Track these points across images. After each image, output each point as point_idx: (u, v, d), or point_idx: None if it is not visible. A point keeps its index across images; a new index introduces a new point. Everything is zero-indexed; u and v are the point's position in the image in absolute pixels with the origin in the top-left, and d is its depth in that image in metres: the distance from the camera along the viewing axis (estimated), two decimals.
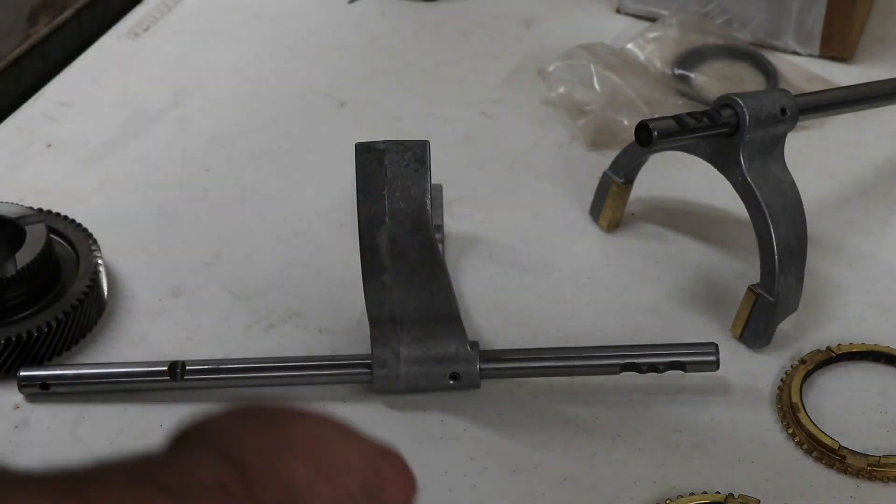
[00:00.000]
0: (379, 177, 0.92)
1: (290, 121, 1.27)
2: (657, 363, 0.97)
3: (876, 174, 1.20)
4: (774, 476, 0.93)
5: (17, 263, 1.00)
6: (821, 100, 1.08)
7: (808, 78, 1.30)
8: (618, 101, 1.23)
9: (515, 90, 1.30)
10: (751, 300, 1.00)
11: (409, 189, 0.91)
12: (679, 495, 0.91)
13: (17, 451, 0.95)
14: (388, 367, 0.96)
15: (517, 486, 0.92)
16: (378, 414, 0.98)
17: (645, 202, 1.16)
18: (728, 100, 1.00)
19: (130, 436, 0.96)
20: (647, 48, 1.31)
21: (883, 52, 1.35)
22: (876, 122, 1.25)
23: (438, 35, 1.38)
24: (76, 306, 1.01)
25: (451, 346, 0.97)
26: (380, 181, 0.92)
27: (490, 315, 1.05)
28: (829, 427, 0.95)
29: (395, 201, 0.91)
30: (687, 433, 0.96)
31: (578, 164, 1.20)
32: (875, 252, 1.11)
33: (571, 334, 1.04)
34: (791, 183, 1.02)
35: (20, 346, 0.99)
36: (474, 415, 0.97)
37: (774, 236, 0.98)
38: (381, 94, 1.30)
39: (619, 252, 1.12)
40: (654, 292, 1.07)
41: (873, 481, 0.92)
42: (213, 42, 1.38)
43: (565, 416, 0.97)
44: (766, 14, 1.33)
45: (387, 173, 0.92)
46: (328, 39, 1.38)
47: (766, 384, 0.99)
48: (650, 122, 0.97)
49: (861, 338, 1.03)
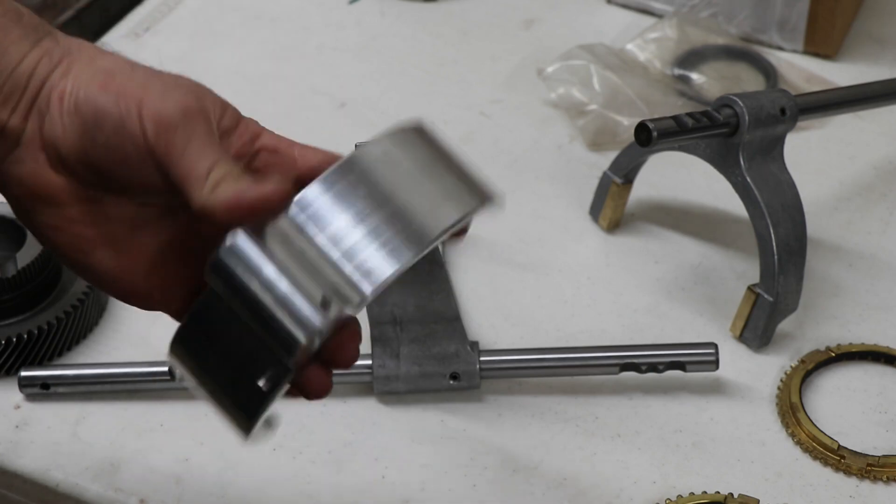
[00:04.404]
0: None
1: (290, 121, 1.26)
2: (657, 363, 0.97)
3: (875, 174, 1.20)
4: (774, 476, 0.93)
5: (18, 263, 1.00)
6: (820, 100, 1.08)
7: (808, 78, 1.30)
8: (617, 102, 1.23)
9: (515, 90, 1.30)
10: (751, 300, 1.01)
11: None
12: (679, 495, 0.91)
13: (18, 450, 0.95)
14: (388, 367, 0.97)
15: (517, 486, 0.93)
16: (378, 414, 0.98)
17: (645, 202, 1.16)
18: (727, 100, 1.00)
19: (131, 436, 0.96)
20: (646, 48, 1.31)
21: (870, 50, 1.35)
22: (876, 122, 1.25)
23: (438, 35, 1.38)
24: (76, 306, 1.01)
25: (451, 346, 0.97)
26: None
27: (490, 315, 1.06)
28: (828, 427, 0.95)
29: None
30: (687, 433, 0.96)
31: (578, 164, 1.21)
32: (874, 252, 1.11)
33: (571, 334, 1.04)
34: (791, 183, 1.02)
35: (21, 346, 0.99)
36: (474, 415, 0.98)
37: (774, 236, 0.99)
38: (381, 94, 1.30)
39: (619, 252, 1.12)
40: (654, 292, 1.08)
41: (873, 481, 0.92)
42: (214, 42, 1.38)
43: (565, 416, 0.97)
44: (752, 9, 1.33)
45: None
46: (328, 39, 1.38)
47: (765, 384, 0.99)
48: (650, 122, 0.97)
49: (860, 338, 1.03)
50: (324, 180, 0.65)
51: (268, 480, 0.93)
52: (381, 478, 0.93)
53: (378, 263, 0.63)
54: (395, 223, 0.64)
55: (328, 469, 0.94)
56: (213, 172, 0.66)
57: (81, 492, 0.93)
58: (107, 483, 0.93)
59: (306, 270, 0.64)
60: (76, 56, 0.70)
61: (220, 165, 0.66)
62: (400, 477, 0.93)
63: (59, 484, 0.93)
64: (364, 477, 0.93)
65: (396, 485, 0.93)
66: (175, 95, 0.68)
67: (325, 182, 0.65)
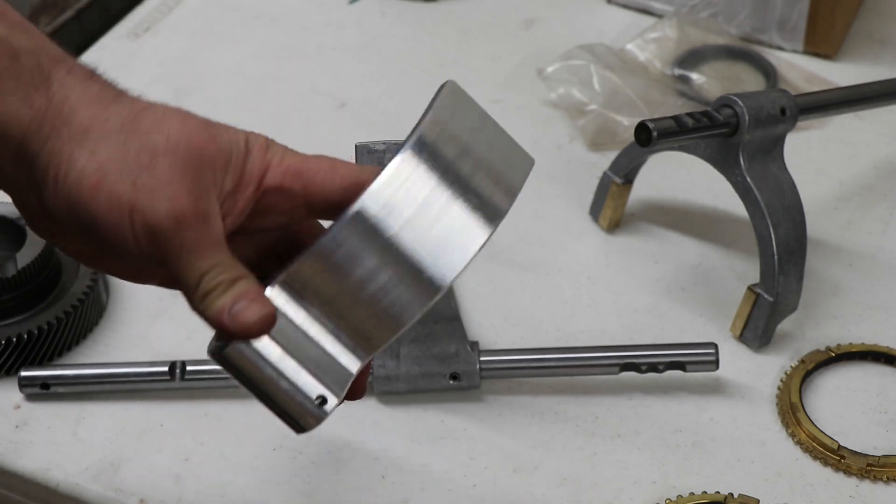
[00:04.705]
0: None
1: (290, 121, 1.27)
2: (657, 363, 0.97)
3: (875, 174, 1.20)
4: (774, 476, 0.93)
5: (18, 263, 1.00)
6: (820, 100, 1.08)
7: (808, 78, 1.30)
8: (617, 102, 1.23)
9: (515, 90, 1.30)
10: (750, 300, 1.01)
11: None
12: (679, 495, 0.91)
13: (18, 450, 0.95)
14: (388, 366, 0.97)
15: (517, 486, 0.93)
16: (378, 414, 0.98)
17: (645, 202, 1.16)
18: (727, 100, 1.00)
19: (131, 435, 0.96)
20: (646, 48, 1.31)
21: (870, 50, 1.35)
22: (876, 122, 1.25)
23: (438, 35, 1.38)
24: (76, 306, 1.01)
25: (451, 346, 0.97)
26: None
27: (490, 315, 1.06)
28: (828, 427, 0.95)
29: None
30: (687, 433, 0.96)
31: (578, 164, 1.21)
32: (874, 252, 1.11)
33: (571, 334, 1.04)
34: (790, 183, 1.02)
35: (21, 346, 0.99)
36: (474, 415, 0.98)
37: (774, 236, 0.99)
38: (381, 94, 1.30)
39: (619, 252, 1.12)
40: (654, 292, 1.08)
41: (873, 481, 0.92)
42: (214, 42, 1.38)
43: (565, 416, 0.97)
44: (752, 9, 1.33)
45: None
46: (328, 39, 1.38)
47: (765, 384, 0.99)
48: (650, 122, 0.97)
49: (860, 338, 1.03)
50: (317, 255, 0.65)
51: (268, 480, 0.93)
52: (381, 478, 0.93)
53: (376, 332, 0.66)
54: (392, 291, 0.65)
55: (328, 469, 0.94)
56: (202, 283, 0.66)
57: (81, 492, 0.93)
58: (107, 483, 0.93)
59: (306, 356, 0.66)
60: (66, 128, 0.66)
61: (210, 275, 0.66)
62: (400, 477, 0.93)
63: (59, 484, 0.93)
64: (364, 477, 0.93)
65: (396, 485, 0.93)
66: (168, 192, 0.65)
67: (319, 256, 0.65)
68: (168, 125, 0.67)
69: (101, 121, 0.66)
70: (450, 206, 0.65)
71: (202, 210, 0.66)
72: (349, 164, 0.70)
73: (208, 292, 0.65)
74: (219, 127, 0.69)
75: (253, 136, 0.70)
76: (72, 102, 0.67)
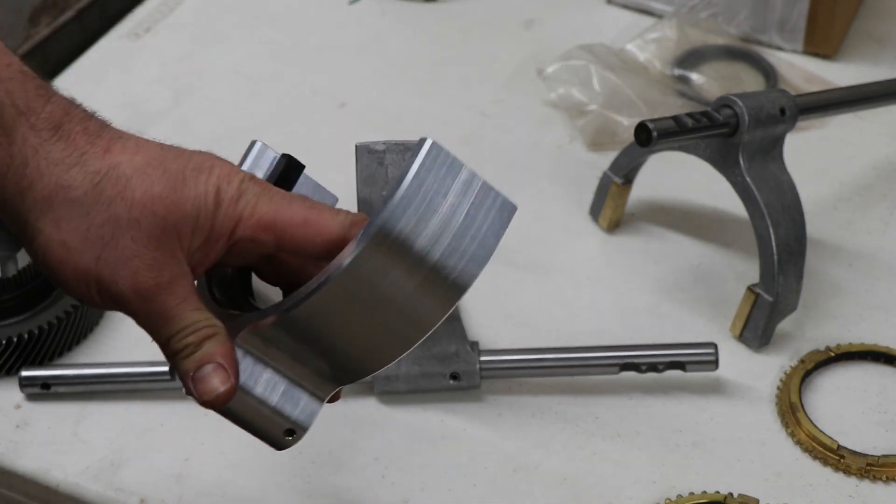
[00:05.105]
0: (379, 177, 0.92)
1: (290, 121, 1.27)
2: (657, 363, 0.97)
3: (875, 174, 1.20)
4: (774, 476, 0.93)
5: (18, 263, 1.00)
6: (820, 100, 1.09)
7: (808, 78, 1.30)
8: (617, 102, 1.23)
9: (515, 91, 1.30)
10: (750, 300, 1.01)
11: None
12: (679, 495, 0.91)
13: (18, 450, 0.95)
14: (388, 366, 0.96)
15: (517, 486, 0.93)
16: (378, 414, 0.98)
17: (645, 202, 1.16)
18: (727, 100, 1.00)
19: (131, 435, 0.96)
20: (646, 48, 1.31)
21: (870, 50, 1.35)
22: (876, 122, 1.25)
23: (438, 35, 1.38)
24: (77, 306, 1.01)
25: (451, 345, 0.97)
26: (380, 181, 0.92)
27: (490, 315, 1.06)
28: (828, 427, 0.95)
29: None
30: (687, 433, 0.96)
31: (578, 164, 1.21)
32: (874, 252, 1.11)
33: (571, 334, 1.04)
34: (790, 183, 1.02)
35: (21, 346, 0.99)
36: (474, 415, 0.98)
37: (774, 236, 0.99)
38: (381, 94, 1.30)
39: (619, 252, 1.12)
40: (654, 292, 1.08)
41: (872, 481, 0.92)
42: (214, 42, 1.38)
43: (565, 416, 0.97)
44: (752, 9, 1.33)
45: (387, 174, 0.92)
46: (328, 39, 1.38)
47: (765, 384, 0.99)
48: (650, 122, 0.97)
49: (860, 338, 1.03)
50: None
51: (268, 480, 0.93)
52: (381, 478, 0.93)
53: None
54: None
55: (328, 469, 0.94)
56: (170, 345, 0.68)
57: (82, 492, 0.93)
58: (107, 483, 0.93)
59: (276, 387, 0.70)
60: (30, 193, 0.66)
61: (176, 338, 0.68)
62: (400, 477, 0.93)
63: (60, 484, 0.93)
64: (364, 477, 0.93)
65: (396, 485, 0.93)
66: (131, 268, 0.66)
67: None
68: (132, 191, 0.66)
69: (63, 188, 0.66)
70: (417, 292, 0.72)
71: (166, 280, 0.67)
72: (323, 213, 0.68)
73: (175, 353, 0.68)
74: (188, 181, 0.67)
75: (224, 186, 0.68)
76: (33, 167, 0.66)
